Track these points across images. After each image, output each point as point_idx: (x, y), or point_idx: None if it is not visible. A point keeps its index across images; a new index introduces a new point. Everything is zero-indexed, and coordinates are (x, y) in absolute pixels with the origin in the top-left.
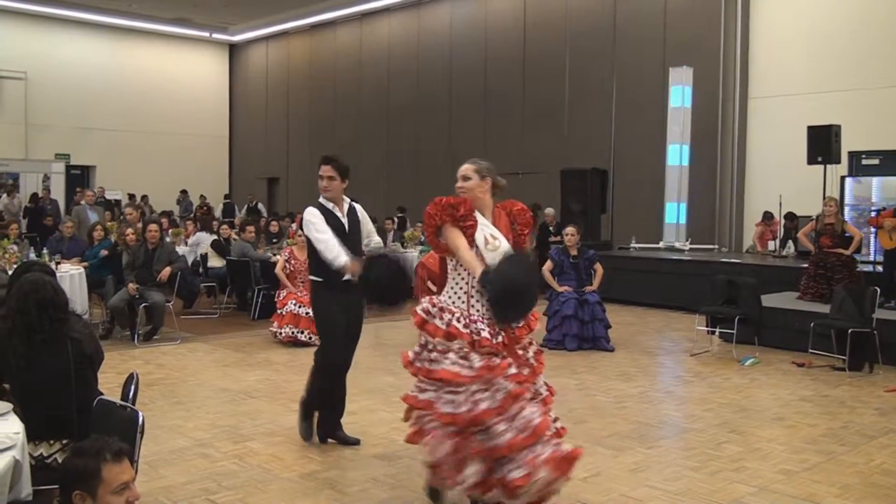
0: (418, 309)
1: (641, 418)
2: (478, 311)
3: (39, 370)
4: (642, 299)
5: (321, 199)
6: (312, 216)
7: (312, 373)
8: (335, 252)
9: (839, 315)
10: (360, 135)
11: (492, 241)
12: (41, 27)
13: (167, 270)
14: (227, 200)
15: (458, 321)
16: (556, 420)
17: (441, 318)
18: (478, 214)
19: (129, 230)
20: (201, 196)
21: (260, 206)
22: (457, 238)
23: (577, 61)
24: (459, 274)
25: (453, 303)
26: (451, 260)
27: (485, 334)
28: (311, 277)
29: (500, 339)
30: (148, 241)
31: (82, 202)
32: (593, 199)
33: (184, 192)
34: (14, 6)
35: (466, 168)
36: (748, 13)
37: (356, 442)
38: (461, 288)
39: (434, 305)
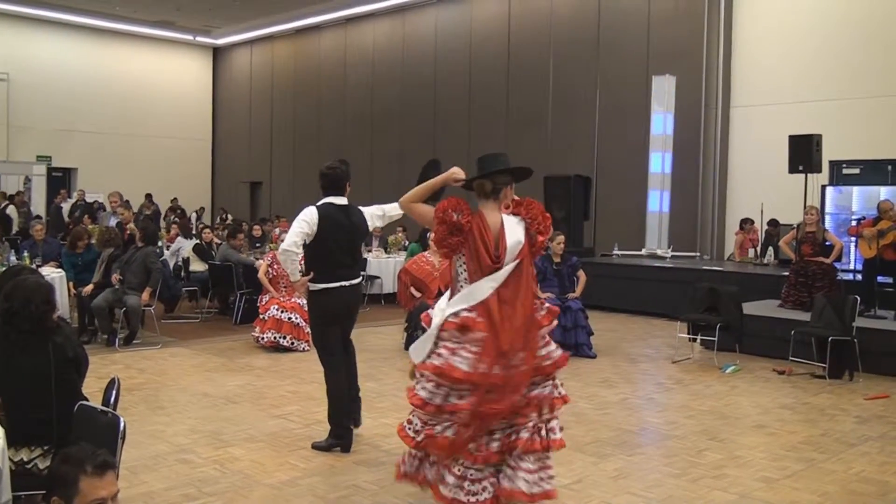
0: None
1: (623, 425)
2: None
3: (20, 373)
4: (624, 306)
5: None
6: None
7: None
8: None
9: (819, 323)
10: (344, 139)
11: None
12: (24, 28)
13: (147, 292)
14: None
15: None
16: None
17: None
18: None
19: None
20: (173, 199)
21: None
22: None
23: (560, 68)
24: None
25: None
26: (458, 259)
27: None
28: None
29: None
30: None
31: (106, 208)
32: (576, 205)
33: (148, 195)
34: None
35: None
36: (731, 23)
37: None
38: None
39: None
